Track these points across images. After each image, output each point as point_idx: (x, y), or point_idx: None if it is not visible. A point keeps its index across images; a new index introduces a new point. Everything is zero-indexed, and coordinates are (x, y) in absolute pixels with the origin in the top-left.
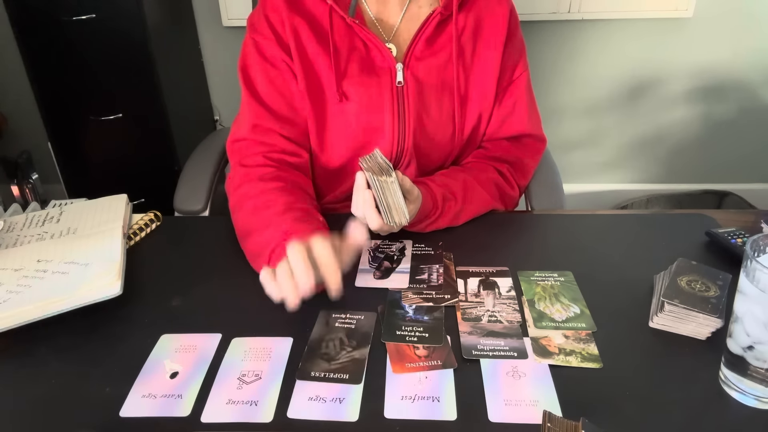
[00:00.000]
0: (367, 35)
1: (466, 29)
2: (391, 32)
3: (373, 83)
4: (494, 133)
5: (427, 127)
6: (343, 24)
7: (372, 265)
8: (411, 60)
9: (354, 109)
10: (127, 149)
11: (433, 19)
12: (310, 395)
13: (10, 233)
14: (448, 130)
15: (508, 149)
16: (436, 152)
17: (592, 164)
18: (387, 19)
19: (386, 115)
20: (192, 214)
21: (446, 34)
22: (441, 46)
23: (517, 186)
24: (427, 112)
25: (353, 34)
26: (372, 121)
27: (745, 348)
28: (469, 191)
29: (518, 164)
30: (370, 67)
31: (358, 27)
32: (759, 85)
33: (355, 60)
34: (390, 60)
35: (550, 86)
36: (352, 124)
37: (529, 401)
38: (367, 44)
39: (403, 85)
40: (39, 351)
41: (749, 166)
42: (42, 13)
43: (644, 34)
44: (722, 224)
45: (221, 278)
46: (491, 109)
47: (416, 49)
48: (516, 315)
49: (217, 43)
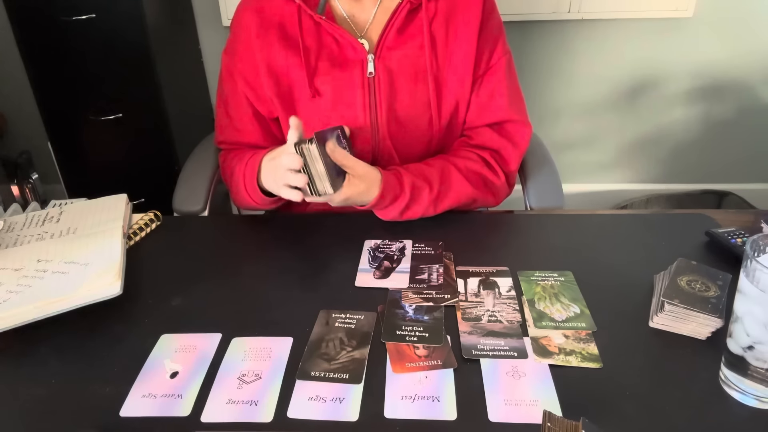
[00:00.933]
0: (336, 30)
1: (437, 16)
2: (364, 28)
3: (345, 77)
4: (474, 120)
5: (400, 116)
6: (312, 22)
7: (372, 265)
8: (383, 50)
9: (327, 103)
10: (127, 149)
11: (402, 8)
12: (310, 395)
13: (10, 233)
14: (424, 117)
15: (491, 136)
16: (414, 141)
17: (592, 164)
18: (359, 14)
19: (357, 107)
20: (191, 214)
21: (417, 22)
22: (412, 35)
23: (502, 173)
24: (398, 101)
25: (323, 31)
26: (345, 114)
27: (745, 348)
28: (447, 178)
29: (503, 151)
30: (342, 62)
31: (326, 23)
32: (759, 85)
33: (325, 56)
34: (362, 53)
35: (549, 86)
36: (327, 118)
37: (529, 401)
38: (338, 40)
39: (373, 75)
40: (39, 351)
41: (749, 166)
42: (42, 13)
43: (644, 34)
44: (722, 224)
45: (221, 278)
46: (469, 95)
47: (387, 39)
48: (516, 315)
49: (217, 43)
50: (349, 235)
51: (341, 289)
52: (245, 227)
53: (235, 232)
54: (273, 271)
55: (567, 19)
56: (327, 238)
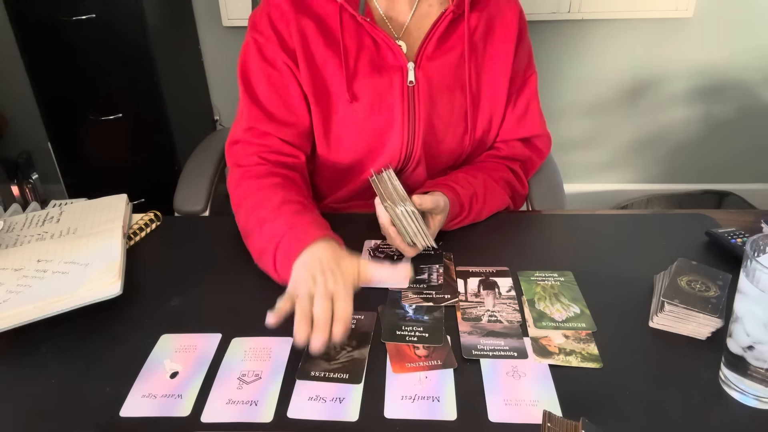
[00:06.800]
0: (377, 33)
1: (478, 28)
2: (401, 30)
3: (384, 83)
4: (509, 133)
5: (437, 127)
6: (353, 22)
7: None
8: (422, 60)
9: (363, 109)
10: (127, 149)
11: (445, 17)
12: (310, 395)
13: (10, 233)
14: (459, 129)
15: (520, 149)
16: (445, 153)
17: (592, 164)
18: (396, 17)
19: (396, 116)
20: (192, 215)
21: (458, 33)
22: (452, 45)
23: (527, 184)
24: (437, 112)
25: (363, 33)
26: (381, 122)
27: (745, 348)
28: (489, 190)
29: (528, 162)
30: (380, 66)
31: (369, 25)
32: (759, 85)
33: (364, 59)
34: (401, 58)
35: (550, 86)
36: (361, 125)
37: (529, 401)
38: (377, 42)
39: (414, 84)
40: (39, 351)
41: (749, 166)
42: (42, 13)
43: (644, 34)
44: (722, 224)
45: (221, 278)
46: (503, 109)
47: (428, 49)
48: (516, 315)
49: (217, 43)
50: (349, 235)
51: None
52: None
53: (236, 232)
54: None
55: (567, 19)
56: None
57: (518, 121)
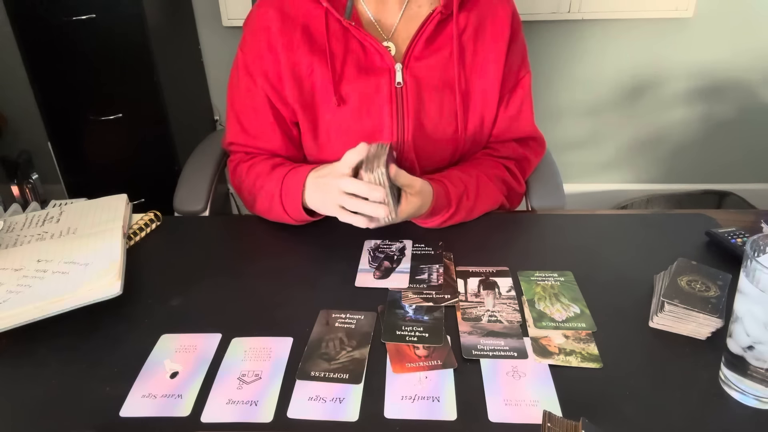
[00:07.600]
0: (364, 37)
1: (467, 28)
2: (390, 32)
3: (371, 85)
4: (502, 134)
5: (426, 127)
6: (340, 27)
7: (372, 265)
8: (410, 60)
9: (351, 112)
10: (127, 149)
11: (433, 18)
12: (310, 395)
13: (10, 233)
14: (449, 129)
15: (515, 149)
16: (437, 152)
17: (592, 164)
18: (386, 19)
19: (384, 117)
20: (192, 215)
21: (446, 34)
22: (440, 46)
23: (523, 182)
24: (426, 113)
25: (350, 36)
26: (370, 124)
27: (745, 348)
28: (482, 187)
29: (524, 161)
30: (367, 68)
31: (354, 29)
32: (759, 85)
33: (351, 62)
34: (389, 60)
35: (550, 86)
36: (350, 128)
37: (529, 401)
38: (364, 46)
39: (402, 85)
40: (39, 351)
41: (749, 166)
42: (42, 13)
43: (644, 34)
44: (722, 224)
45: (221, 278)
46: (495, 109)
47: (416, 49)
48: (516, 315)
49: (217, 43)
50: (349, 235)
51: (341, 289)
52: (245, 227)
53: (236, 232)
54: (273, 271)
55: (567, 19)
56: (327, 238)
57: (512, 121)
